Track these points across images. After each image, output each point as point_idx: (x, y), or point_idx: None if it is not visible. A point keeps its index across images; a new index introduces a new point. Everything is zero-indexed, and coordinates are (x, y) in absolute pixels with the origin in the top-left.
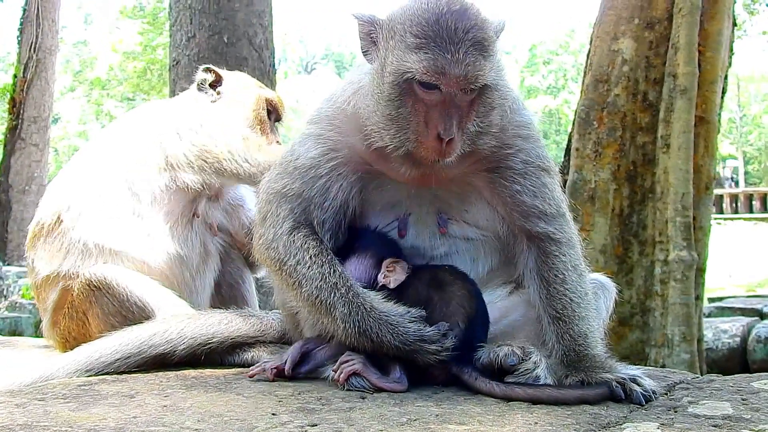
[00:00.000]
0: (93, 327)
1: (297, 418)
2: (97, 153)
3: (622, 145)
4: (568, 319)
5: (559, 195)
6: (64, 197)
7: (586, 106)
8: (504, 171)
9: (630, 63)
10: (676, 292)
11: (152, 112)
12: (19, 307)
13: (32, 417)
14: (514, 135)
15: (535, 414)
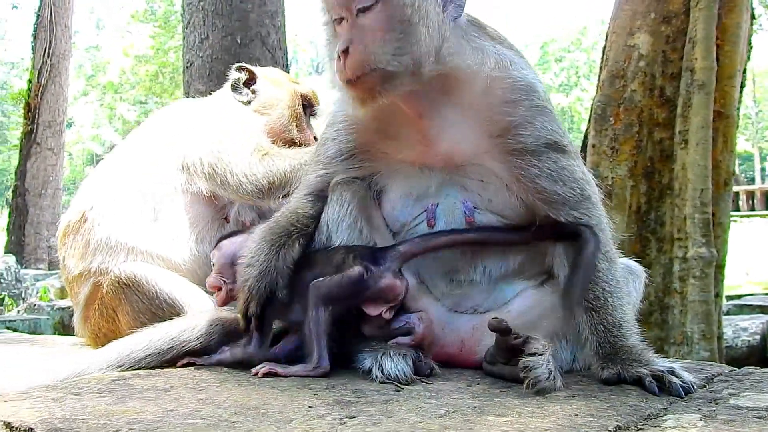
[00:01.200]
0: (123, 324)
1: (334, 410)
2: (125, 152)
3: (639, 141)
4: (602, 309)
5: (581, 176)
6: (89, 196)
7: (602, 102)
8: (518, 151)
9: (646, 58)
10: (696, 290)
11: (180, 112)
12: (38, 309)
13: (70, 411)
14: (514, 101)
15: (575, 405)
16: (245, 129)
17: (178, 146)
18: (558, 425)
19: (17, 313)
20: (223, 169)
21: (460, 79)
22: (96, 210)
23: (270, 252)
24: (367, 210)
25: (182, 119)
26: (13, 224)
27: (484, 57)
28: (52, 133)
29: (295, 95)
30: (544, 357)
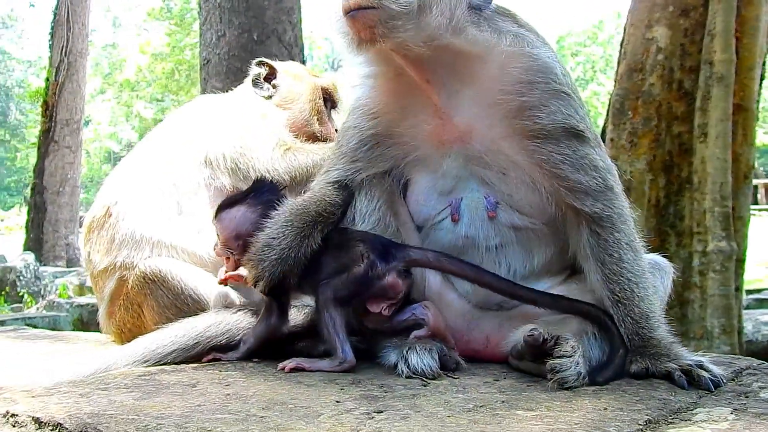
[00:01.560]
0: (148, 319)
1: (362, 405)
2: (149, 147)
3: (658, 135)
4: (628, 300)
5: (603, 165)
6: (113, 191)
7: (620, 96)
8: (535, 135)
9: (665, 51)
10: (715, 284)
11: (202, 107)
12: (57, 306)
13: (98, 406)
14: (530, 81)
15: (603, 399)
16: (267, 124)
17: (201, 141)
18: (587, 419)
19: (37, 310)
20: (245, 165)
21: (474, 53)
22: (120, 205)
23: (294, 240)
24: (394, 206)
25: (205, 114)
26: (32, 222)
27: (501, 35)
28: (69, 131)
29: (315, 89)
30: (573, 359)
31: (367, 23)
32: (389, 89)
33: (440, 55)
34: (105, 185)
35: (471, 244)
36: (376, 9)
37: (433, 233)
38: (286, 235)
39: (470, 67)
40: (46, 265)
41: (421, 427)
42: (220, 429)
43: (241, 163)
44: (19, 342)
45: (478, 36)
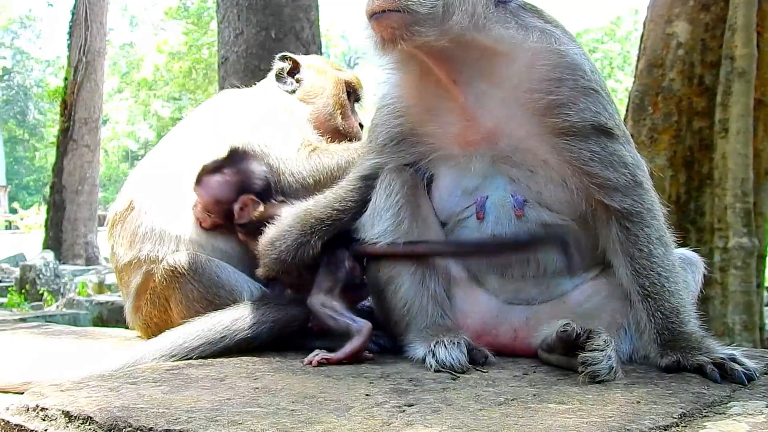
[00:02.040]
0: (175, 313)
1: (392, 398)
2: (173, 142)
3: (678, 131)
4: (658, 295)
5: (632, 161)
6: (136, 185)
7: (640, 92)
8: (564, 133)
9: (685, 46)
10: (737, 280)
11: (226, 102)
12: (77, 304)
13: (127, 399)
14: (558, 79)
15: (636, 393)
16: (291, 120)
17: (225, 136)
18: (621, 412)
19: (56, 308)
20: (268, 163)
21: (500, 50)
22: (143, 199)
23: (291, 245)
24: (416, 199)
25: (229, 109)
26: (51, 220)
27: (527, 31)
28: (88, 130)
29: (338, 83)
30: (605, 353)
31: (390, 25)
32: (415, 90)
33: (466, 52)
34: (128, 180)
35: None
36: (400, 12)
37: (457, 230)
38: (285, 239)
39: (497, 66)
40: (66, 264)
41: (453, 420)
42: (250, 422)
43: (264, 160)
44: (44, 338)
45: (504, 33)
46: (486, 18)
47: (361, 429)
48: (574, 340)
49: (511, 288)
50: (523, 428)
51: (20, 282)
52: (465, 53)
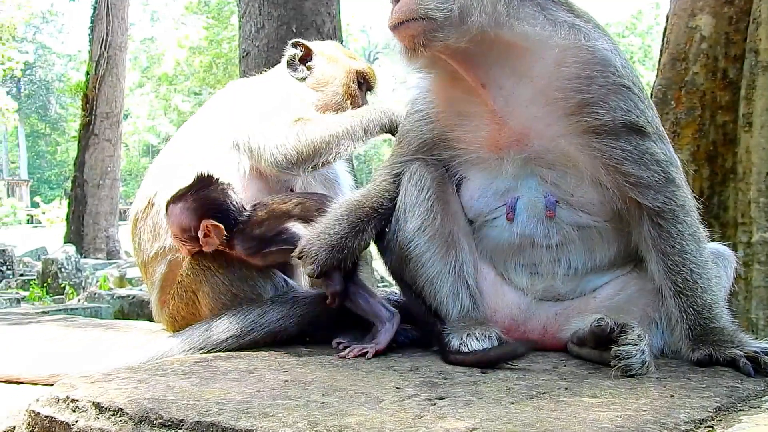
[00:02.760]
0: (203, 306)
1: (422, 391)
2: (186, 135)
3: (702, 125)
4: (691, 291)
5: (665, 158)
6: (154, 182)
7: (663, 86)
8: (595, 132)
9: (709, 40)
10: (760, 275)
11: (232, 92)
12: (98, 298)
13: (157, 391)
14: (588, 77)
15: (669, 387)
16: (288, 104)
17: (230, 125)
18: (655, 406)
19: (78, 301)
20: (257, 144)
21: (527, 48)
22: (162, 195)
23: (348, 231)
24: (445, 195)
25: (234, 98)
26: (73, 214)
27: (555, 27)
28: (109, 125)
29: (350, 72)
30: (639, 347)
31: (410, 34)
32: (444, 95)
33: (491, 52)
34: (146, 177)
35: (529, 242)
36: (418, 20)
37: (485, 229)
38: (341, 227)
39: (524, 64)
40: (87, 258)
41: (485, 413)
42: (281, 414)
43: (253, 143)
44: (70, 330)
45: (529, 30)
46: (508, 14)
47: (394, 422)
48: (607, 335)
49: (540, 286)
50: (557, 421)
51: (42, 275)
52: (490, 53)
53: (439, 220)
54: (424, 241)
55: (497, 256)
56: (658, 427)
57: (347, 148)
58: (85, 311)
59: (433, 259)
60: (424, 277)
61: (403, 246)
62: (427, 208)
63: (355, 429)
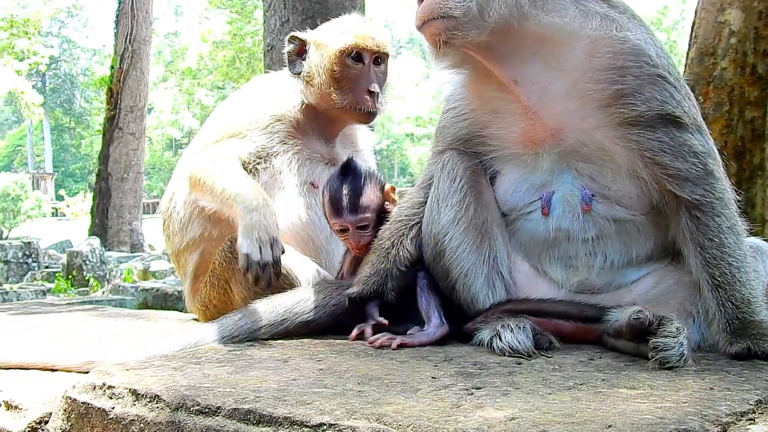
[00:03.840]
0: (235, 294)
1: (458, 381)
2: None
3: (730, 120)
4: (729, 285)
5: (703, 150)
6: (177, 179)
7: (690, 81)
8: (631, 123)
9: (738, 35)
10: None
11: (249, 86)
12: (122, 290)
13: (193, 379)
14: (622, 67)
15: (708, 380)
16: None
17: None
18: (695, 398)
19: (102, 293)
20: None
21: (557, 40)
22: (181, 193)
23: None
24: (478, 185)
25: (250, 90)
26: (97, 207)
27: (588, 17)
28: (133, 118)
29: (334, 54)
30: (677, 340)
31: (433, 32)
32: (477, 93)
33: (520, 46)
34: (173, 174)
35: (564, 236)
36: (439, 19)
37: (520, 223)
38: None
39: (556, 57)
40: (111, 250)
41: (523, 403)
42: (318, 402)
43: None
44: (101, 319)
45: (557, 21)
46: (534, 5)
47: (431, 410)
48: (646, 327)
49: (575, 280)
50: (596, 412)
51: (67, 268)
52: (519, 48)
53: (473, 211)
54: (458, 234)
55: (531, 249)
56: (699, 419)
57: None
58: (110, 303)
59: (468, 250)
60: (458, 269)
61: (438, 239)
62: (460, 198)
63: (393, 417)
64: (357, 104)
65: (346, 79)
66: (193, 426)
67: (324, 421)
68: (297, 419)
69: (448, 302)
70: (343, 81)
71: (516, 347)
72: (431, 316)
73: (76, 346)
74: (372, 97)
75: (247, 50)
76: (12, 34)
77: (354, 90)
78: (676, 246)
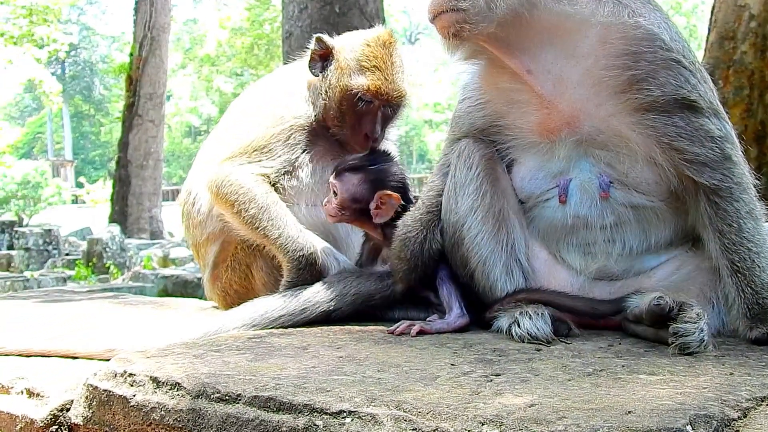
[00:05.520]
0: (257, 279)
1: (478, 368)
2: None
3: (750, 105)
4: (748, 270)
5: (721, 134)
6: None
7: (710, 65)
8: (647, 108)
9: (758, 18)
10: None
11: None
12: (142, 277)
13: (214, 367)
14: (635, 52)
15: (727, 365)
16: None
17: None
18: (715, 384)
19: (123, 281)
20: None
21: (569, 28)
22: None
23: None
24: (494, 172)
25: (262, 87)
26: (117, 195)
27: (600, 5)
28: (152, 106)
29: (346, 90)
30: (697, 325)
31: (443, 26)
32: (492, 84)
33: (532, 36)
34: (192, 168)
35: (582, 223)
36: (448, 12)
37: (537, 210)
38: (407, 245)
39: (568, 45)
40: (131, 238)
41: (543, 390)
42: (338, 390)
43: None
44: (121, 307)
45: (569, 9)
46: None
47: (451, 397)
48: (666, 313)
49: (594, 267)
50: (616, 398)
51: (87, 255)
52: (531, 38)
53: (489, 198)
54: (476, 222)
55: (549, 237)
56: (719, 404)
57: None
58: (130, 290)
59: (486, 238)
60: (477, 257)
61: (456, 228)
62: (476, 186)
63: (412, 404)
64: (351, 141)
65: (350, 114)
66: (214, 413)
67: (344, 408)
68: (317, 407)
69: (467, 290)
70: (347, 116)
71: (535, 334)
72: (452, 306)
73: (97, 334)
74: (367, 141)
75: (266, 37)
76: (31, 21)
77: (354, 128)
78: (695, 232)
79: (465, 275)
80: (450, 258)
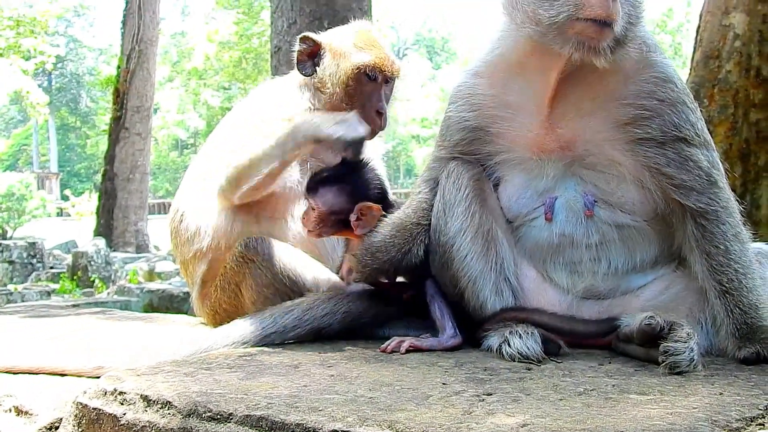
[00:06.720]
0: (246, 298)
1: (469, 387)
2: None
3: (735, 123)
4: (736, 291)
5: (707, 164)
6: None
7: (696, 84)
8: (642, 141)
9: (742, 37)
10: None
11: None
12: (128, 291)
13: (205, 385)
14: (651, 92)
15: (717, 385)
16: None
17: None
18: (705, 404)
19: (108, 294)
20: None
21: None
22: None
23: (395, 254)
24: (482, 192)
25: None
26: (103, 208)
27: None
28: (140, 119)
29: (350, 69)
30: (687, 345)
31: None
32: (502, 75)
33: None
34: (181, 186)
35: (568, 241)
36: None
37: (525, 229)
38: (388, 250)
39: (602, 80)
40: (116, 251)
41: (534, 410)
42: (330, 409)
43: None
44: (109, 323)
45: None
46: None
47: (443, 417)
48: (657, 333)
49: (581, 285)
50: (607, 418)
51: (72, 269)
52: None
53: (478, 218)
54: (466, 243)
55: (537, 255)
56: (710, 424)
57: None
58: (116, 304)
59: (476, 258)
60: (466, 277)
61: (446, 248)
62: (465, 207)
63: (405, 424)
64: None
65: (359, 95)
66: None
67: (337, 428)
68: (309, 426)
69: (457, 308)
70: (355, 97)
71: (525, 353)
72: (445, 326)
73: (86, 351)
74: (380, 117)
75: (254, 51)
76: (18, 33)
77: (365, 108)
78: (680, 253)
79: (455, 294)
80: (439, 277)
